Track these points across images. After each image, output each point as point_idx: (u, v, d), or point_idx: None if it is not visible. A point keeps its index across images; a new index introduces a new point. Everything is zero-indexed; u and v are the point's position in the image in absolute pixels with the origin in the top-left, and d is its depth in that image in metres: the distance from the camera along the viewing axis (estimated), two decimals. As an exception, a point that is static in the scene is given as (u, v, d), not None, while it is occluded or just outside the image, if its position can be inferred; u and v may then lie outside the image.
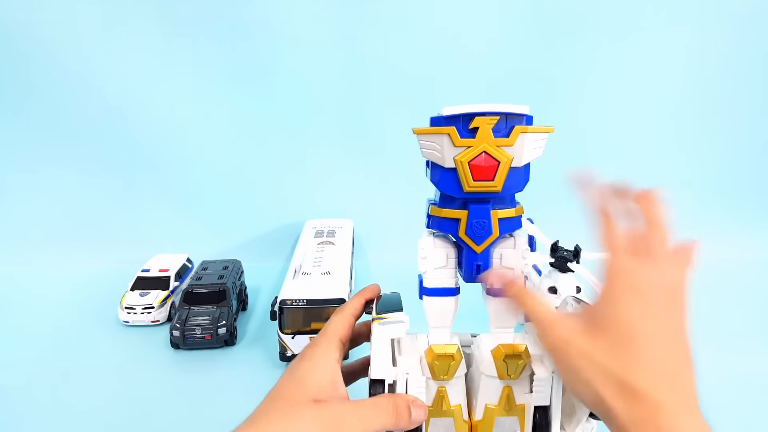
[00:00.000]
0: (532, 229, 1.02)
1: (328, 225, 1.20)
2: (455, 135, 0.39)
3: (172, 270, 1.09)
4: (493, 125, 0.40)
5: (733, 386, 0.81)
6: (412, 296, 0.48)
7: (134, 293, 1.03)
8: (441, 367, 0.43)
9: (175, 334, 0.90)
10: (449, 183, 0.41)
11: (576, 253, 0.87)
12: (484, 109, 0.39)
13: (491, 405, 0.44)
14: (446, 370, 0.43)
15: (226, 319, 0.92)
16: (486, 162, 0.40)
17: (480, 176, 0.40)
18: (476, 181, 0.40)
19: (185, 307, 0.95)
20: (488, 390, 0.44)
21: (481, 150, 0.40)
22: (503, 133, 0.40)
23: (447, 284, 0.44)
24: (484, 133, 0.39)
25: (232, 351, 0.93)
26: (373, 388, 0.42)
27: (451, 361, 0.43)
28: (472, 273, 0.44)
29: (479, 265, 0.43)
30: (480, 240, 0.42)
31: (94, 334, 0.99)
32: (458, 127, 0.40)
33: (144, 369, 0.87)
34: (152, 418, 0.75)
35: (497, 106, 0.39)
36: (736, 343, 0.94)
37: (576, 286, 0.88)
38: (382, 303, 0.49)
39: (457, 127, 0.40)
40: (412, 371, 0.42)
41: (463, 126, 0.40)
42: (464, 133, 0.40)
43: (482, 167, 0.40)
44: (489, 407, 0.44)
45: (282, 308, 0.84)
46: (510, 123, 0.40)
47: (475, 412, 0.45)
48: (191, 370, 0.87)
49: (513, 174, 0.41)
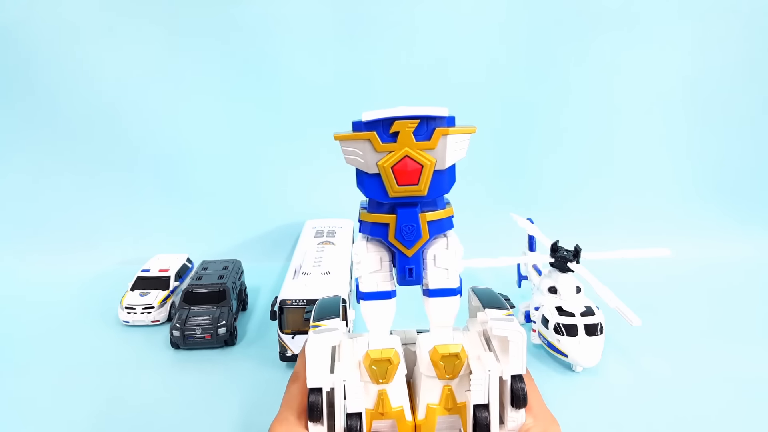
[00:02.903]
0: (532, 229, 1.02)
1: (328, 225, 1.20)
2: (376, 140, 0.39)
3: (172, 270, 1.09)
4: (414, 129, 0.39)
5: (734, 386, 0.81)
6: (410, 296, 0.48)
7: (134, 293, 1.03)
8: (379, 371, 0.43)
9: (175, 334, 0.90)
10: (374, 189, 0.41)
11: (576, 253, 0.87)
12: (404, 113, 0.38)
13: (433, 404, 0.44)
14: (384, 373, 0.43)
15: (226, 319, 0.92)
16: (409, 166, 0.39)
17: (404, 181, 0.40)
18: (401, 186, 0.40)
19: (185, 307, 0.95)
20: (429, 390, 0.44)
21: (403, 154, 0.39)
22: (424, 136, 0.39)
23: (383, 288, 0.44)
24: (405, 137, 0.39)
25: (232, 351, 0.93)
26: (312, 396, 0.42)
27: (388, 365, 0.43)
28: (405, 276, 0.44)
29: (411, 269, 0.43)
30: (410, 244, 0.42)
31: (94, 334, 0.99)
32: (379, 131, 0.39)
33: (144, 369, 0.87)
34: (152, 418, 0.75)
35: (416, 110, 0.38)
36: (736, 343, 0.93)
37: (576, 286, 0.88)
38: (318, 309, 0.49)
39: (378, 132, 0.39)
40: (349, 377, 0.42)
41: (383, 130, 0.39)
42: (385, 138, 0.39)
43: (406, 171, 0.39)
44: (431, 407, 0.44)
45: (282, 308, 0.84)
46: (431, 125, 0.39)
47: (418, 412, 0.45)
48: (191, 370, 0.87)
49: (438, 177, 0.40)
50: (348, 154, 0.40)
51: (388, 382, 0.44)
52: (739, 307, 1.09)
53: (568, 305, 0.85)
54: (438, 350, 0.44)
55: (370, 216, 0.43)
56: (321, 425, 0.42)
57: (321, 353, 0.43)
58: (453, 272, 0.45)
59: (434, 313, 0.45)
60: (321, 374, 0.42)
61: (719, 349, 0.91)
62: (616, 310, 0.74)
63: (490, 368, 0.43)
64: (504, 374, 0.43)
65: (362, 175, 0.41)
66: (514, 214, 1.08)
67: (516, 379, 0.43)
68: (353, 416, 0.42)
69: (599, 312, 0.85)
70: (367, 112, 0.38)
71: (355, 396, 0.42)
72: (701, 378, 0.83)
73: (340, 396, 0.42)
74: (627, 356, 0.89)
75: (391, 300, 0.45)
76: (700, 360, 0.88)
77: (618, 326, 0.88)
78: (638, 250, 0.87)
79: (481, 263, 0.81)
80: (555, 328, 0.84)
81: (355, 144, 0.39)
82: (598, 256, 0.87)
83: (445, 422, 0.45)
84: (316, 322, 0.46)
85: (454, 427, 0.46)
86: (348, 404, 0.42)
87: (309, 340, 0.43)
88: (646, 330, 0.81)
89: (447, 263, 0.44)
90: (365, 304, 0.45)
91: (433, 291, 0.44)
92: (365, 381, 0.44)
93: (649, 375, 0.84)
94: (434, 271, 0.44)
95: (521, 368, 0.43)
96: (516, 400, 0.43)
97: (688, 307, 1.08)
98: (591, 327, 0.82)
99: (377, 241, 0.44)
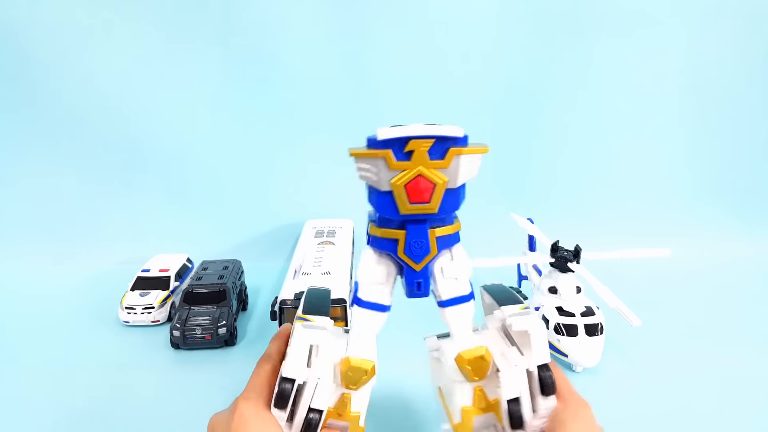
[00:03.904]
0: (532, 229, 1.03)
1: (328, 225, 1.20)
2: (391, 158, 0.39)
3: (172, 270, 1.09)
4: (429, 148, 0.39)
5: (734, 386, 0.81)
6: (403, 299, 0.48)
7: (134, 293, 1.03)
8: (353, 378, 0.44)
9: (175, 334, 0.90)
10: (386, 205, 0.41)
11: (576, 253, 0.87)
12: (420, 133, 0.39)
13: (467, 407, 0.45)
14: (356, 381, 0.44)
15: (226, 319, 0.92)
16: (422, 185, 0.40)
17: (416, 199, 0.40)
18: (413, 204, 0.40)
19: (185, 307, 0.95)
20: (461, 393, 0.46)
21: (416, 173, 0.40)
22: (438, 155, 0.40)
23: (381, 301, 0.45)
24: (420, 156, 0.39)
25: (232, 351, 0.93)
26: (283, 384, 0.42)
27: (363, 374, 0.44)
28: (414, 290, 0.45)
29: (420, 282, 0.44)
30: (419, 259, 0.43)
31: (94, 334, 0.99)
32: (394, 150, 0.39)
33: (144, 369, 0.87)
34: (152, 418, 0.75)
35: (432, 129, 0.39)
36: (736, 343, 0.93)
37: (576, 286, 0.88)
38: (309, 301, 0.49)
39: (393, 150, 0.39)
40: (323, 376, 0.43)
41: (398, 149, 0.39)
42: (400, 156, 0.39)
43: (419, 190, 0.40)
44: (466, 409, 0.45)
45: (282, 308, 0.84)
46: (445, 145, 0.40)
47: (454, 416, 0.46)
48: (191, 370, 0.87)
49: (449, 195, 0.41)
50: (362, 171, 0.41)
51: (356, 389, 0.45)
52: (739, 307, 1.09)
53: (568, 305, 0.85)
54: (464, 356, 0.44)
55: (379, 230, 0.43)
56: (283, 412, 0.43)
57: (304, 348, 0.44)
58: (463, 280, 0.45)
59: (452, 321, 0.46)
60: (298, 367, 0.43)
61: (719, 349, 0.91)
62: (616, 310, 0.74)
63: (516, 363, 0.44)
64: (530, 366, 0.44)
65: (374, 192, 0.42)
66: (515, 214, 1.08)
67: (543, 368, 0.44)
68: (314, 411, 0.43)
69: (599, 312, 0.85)
70: (383, 129, 0.39)
71: (323, 394, 0.43)
72: (701, 378, 0.83)
73: (310, 390, 0.43)
74: (627, 356, 0.89)
75: (384, 313, 0.46)
76: (700, 360, 0.88)
77: (618, 326, 0.88)
78: (638, 250, 0.87)
79: (481, 263, 0.81)
80: (555, 328, 0.84)
81: (370, 161, 0.40)
82: (598, 256, 0.87)
83: (480, 421, 0.46)
84: (306, 315, 0.47)
85: (488, 425, 0.46)
86: (314, 401, 0.43)
87: (296, 333, 0.44)
88: (646, 330, 0.81)
89: (455, 273, 0.45)
90: (359, 311, 0.45)
91: (447, 301, 0.45)
92: (336, 383, 0.45)
93: (649, 375, 0.84)
94: (444, 283, 0.45)
95: (545, 357, 0.44)
96: (545, 388, 0.43)
97: (688, 307, 1.08)
98: (591, 327, 0.82)
99: (386, 254, 0.45)
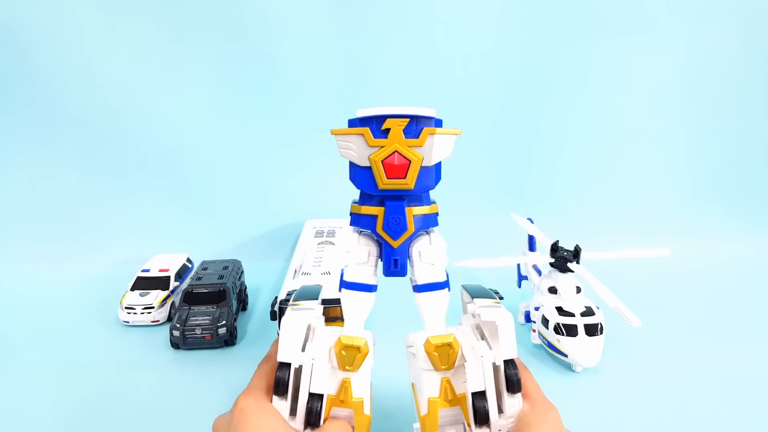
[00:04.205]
0: (532, 229, 1.02)
1: (328, 225, 1.20)
2: (369, 135, 0.43)
3: (172, 270, 1.09)
4: (404, 127, 0.43)
5: (734, 386, 0.81)
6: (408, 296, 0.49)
7: (134, 293, 1.03)
8: (347, 357, 0.45)
9: (175, 334, 0.90)
10: (365, 181, 0.44)
11: (576, 253, 0.87)
12: (395, 112, 0.42)
13: (434, 398, 0.46)
14: (352, 361, 0.45)
15: (226, 319, 0.92)
16: (398, 161, 0.43)
17: (393, 174, 0.43)
18: (390, 179, 0.43)
19: (185, 307, 0.95)
20: (428, 383, 0.47)
21: (393, 150, 0.43)
22: (413, 134, 0.43)
23: (365, 280, 0.47)
24: (396, 134, 0.43)
25: (232, 351, 0.93)
26: (279, 370, 0.44)
27: (357, 353, 0.45)
28: (390, 267, 0.47)
29: (396, 260, 0.46)
30: (396, 235, 0.45)
31: (94, 334, 0.99)
32: (372, 128, 0.43)
33: (144, 369, 0.87)
34: (152, 418, 0.75)
35: (407, 109, 0.42)
36: (736, 343, 0.93)
37: (576, 286, 0.88)
38: (299, 292, 0.52)
39: (371, 128, 0.43)
40: (318, 358, 0.44)
41: (376, 127, 0.43)
42: (377, 134, 0.43)
43: (395, 166, 0.43)
44: (432, 400, 0.46)
45: (282, 308, 0.84)
46: (420, 125, 0.43)
47: (421, 408, 0.47)
48: (191, 370, 0.87)
49: (424, 172, 0.44)
50: (343, 147, 0.44)
51: (354, 370, 0.45)
52: (739, 307, 1.09)
53: (568, 305, 0.85)
54: (431, 341, 0.46)
55: (360, 208, 0.46)
56: (285, 400, 0.44)
57: (295, 330, 0.45)
58: (439, 267, 0.47)
59: (425, 308, 0.47)
60: (292, 350, 0.44)
61: (719, 349, 0.91)
62: (616, 310, 0.74)
63: (483, 354, 0.45)
64: (496, 359, 0.45)
65: (355, 168, 0.45)
66: (515, 214, 1.08)
67: (509, 365, 0.45)
68: (315, 397, 0.44)
69: (599, 312, 0.85)
70: (362, 109, 0.42)
71: (320, 376, 0.44)
72: (701, 378, 0.83)
73: (307, 374, 0.44)
74: (627, 356, 0.89)
75: (371, 293, 0.47)
76: (700, 360, 0.88)
77: (618, 326, 0.88)
78: (638, 250, 0.87)
79: (481, 263, 0.81)
80: (555, 328, 0.84)
81: (350, 138, 0.44)
82: (598, 256, 0.87)
83: (448, 417, 0.47)
84: (295, 301, 0.49)
85: (457, 422, 0.47)
86: (312, 384, 0.44)
87: (285, 316, 0.46)
88: (646, 330, 0.81)
89: (432, 258, 0.47)
90: (346, 293, 0.47)
91: (421, 286, 0.47)
92: (333, 366, 0.45)
93: (649, 375, 0.84)
94: (421, 267, 0.47)
95: (512, 352, 0.45)
96: (510, 385, 0.45)
97: (687, 307, 1.08)
98: (591, 327, 0.82)
99: (368, 235, 0.47)
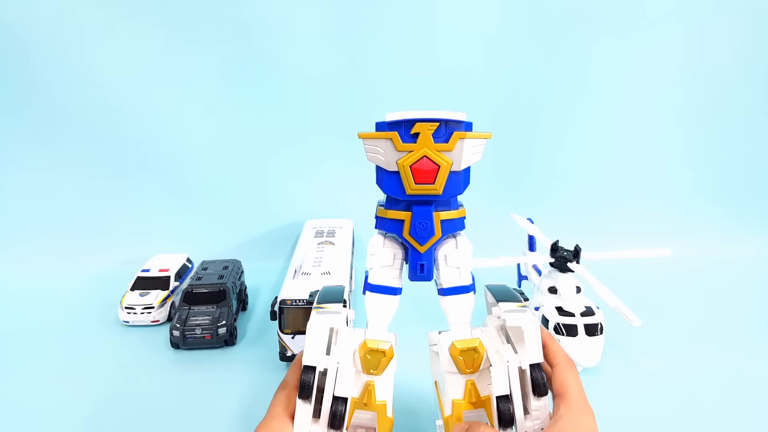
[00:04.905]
0: (532, 229, 1.02)
1: (328, 225, 1.20)
2: (397, 140, 0.42)
3: (172, 270, 1.09)
4: (434, 131, 0.41)
5: (734, 386, 0.81)
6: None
7: (134, 293, 1.03)
8: (372, 361, 0.45)
9: (175, 334, 0.90)
10: (393, 186, 0.43)
11: (576, 253, 0.87)
12: (425, 116, 0.41)
13: (458, 400, 0.46)
14: (376, 365, 0.45)
15: (226, 319, 0.92)
16: (427, 166, 0.42)
17: (421, 179, 0.42)
18: (418, 184, 0.42)
19: (185, 307, 0.95)
20: (453, 386, 0.46)
21: (422, 154, 0.42)
22: (443, 138, 0.42)
23: (390, 283, 0.47)
24: (425, 138, 0.41)
25: (232, 351, 0.93)
26: (305, 374, 0.43)
27: (382, 357, 0.45)
28: (416, 272, 0.46)
29: (423, 265, 0.46)
30: (423, 240, 0.45)
31: (94, 334, 0.99)
32: (400, 132, 0.41)
33: (144, 369, 0.87)
34: (152, 418, 0.75)
35: (437, 113, 0.41)
36: (735, 343, 0.93)
37: (576, 286, 0.88)
38: (323, 294, 0.52)
39: (400, 133, 0.41)
40: (343, 361, 0.44)
41: (405, 131, 0.41)
42: (406, 138, 0.42)
43: (423, 171, 0.42)
44: (456, 402, 0.46)
45: (282, 308, 0.84)
46: (449, 129, 0.42)
47: (445, 409, 0.47)
48: (191, 370, 0.87)
49: (453, 177, 0.43)
50: (370, 151, 0.43)
51: (378, 374, 0.45)
52: (739, 307, 1.09)
53: (568, 305, 0.85)
54: (456, 345, 0.45)
55: (386, 212, 0.45)
56: (309, 404, 0.43)
57: (321, 333, 0.45)
58: (465, 270, 0.47)
59: (451, 311, 0.47)
60: (317, 354, 0.44)
61: (719, 349, 0.91)
62: (616, 310, 0.74)
63: (509, 359, 0.44)
64: (522, 364, 0.44)
65: (382, 172, 0.44)
66: (515, 214, 1.08)
67: (535, 368, 0.44)
68: (339, 401, 0.43)
69: (599, 312, 0.85)
70: (391, 113, 0.41)
71: (345, 380, 0.43)
72: (701, 378, 0.83)
73: (332, 378, 0.43)
74: (627, 356, 0.89)
75: (395, 297, 0.47)
76: (700, 360, 0.88)
77: (618, 326, 0.88)
78: (639, 250, 0.87)
79: (481, 263, 0.81)
80: (555, 328, 0.84)
81: (378, 142, 0.42)
82: (599, 256, 0.87)
83: (471, 418, 0.46)
84: (320, 304, 0.48)
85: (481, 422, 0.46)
86: (337, 388, 0.43)
87: (311, 320, 0.45)
88: (646, 330, 0.81)
89: (458, 261, 0.46)
90: (370, 296, 0.47)
91: (447, 290, 0.47)
92: (357, 369, 0.45)
93: (649, 375, 0.84)
94: (447, 270, 0.47)
95: (538, 356, 0.45)
96: (536, 389, 0.44)
97: (687, 307, 1.08)
98: (591, 327, 0.82)
99: (393, 237, 0.47)
